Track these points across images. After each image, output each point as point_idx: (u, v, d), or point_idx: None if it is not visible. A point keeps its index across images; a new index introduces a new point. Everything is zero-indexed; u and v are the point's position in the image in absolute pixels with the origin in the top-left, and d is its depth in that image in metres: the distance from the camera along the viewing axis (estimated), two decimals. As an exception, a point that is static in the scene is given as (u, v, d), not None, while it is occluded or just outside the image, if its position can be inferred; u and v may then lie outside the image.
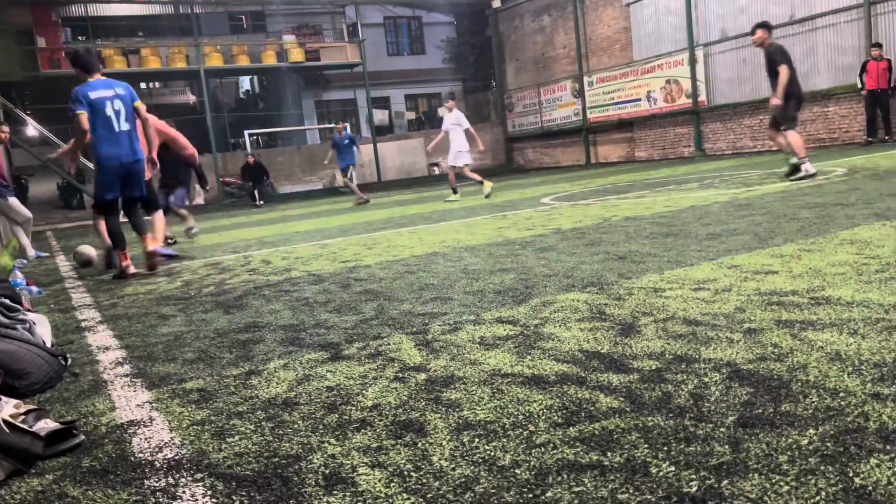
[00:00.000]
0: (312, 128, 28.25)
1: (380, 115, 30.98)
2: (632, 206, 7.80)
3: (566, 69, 24.29)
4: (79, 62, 6.04)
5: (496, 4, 26.79)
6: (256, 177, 20.38)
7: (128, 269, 6.15)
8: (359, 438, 1.99)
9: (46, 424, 2.14)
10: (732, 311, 2.90)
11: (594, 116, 23.14)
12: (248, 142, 24.09)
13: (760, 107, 16.93)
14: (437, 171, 26.23)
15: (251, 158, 20.83)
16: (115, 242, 6.20)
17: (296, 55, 27.04)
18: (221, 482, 1.80)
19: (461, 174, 13.12)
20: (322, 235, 8.54)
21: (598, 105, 22.87)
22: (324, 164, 21.20)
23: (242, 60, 26.70)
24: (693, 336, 2.62)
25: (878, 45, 14.40)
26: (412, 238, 7.11)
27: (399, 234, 7.62)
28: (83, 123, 5.82)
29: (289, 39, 27.59)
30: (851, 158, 11.30)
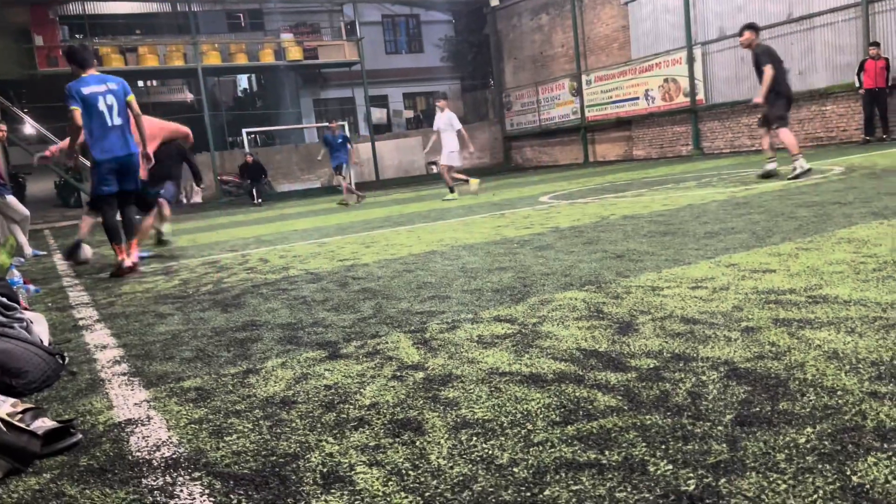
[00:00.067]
0: (310, 126, 28.23)
1: (378, 114, 30.96)
2: (630, 205, 7.80)
3: (564, 68, 24.29)
4: (73, 58, 6.04)
5: (494, 3, 26.79)
6: (255, 175, 20.37)
7: (123, 263, 6.15)
8: (357, 437, 1.99)
9: (44, 423, 2.14)
10: (730, 310, 2.91)
11: (592, 115, 23.14)
12: (246, 140, 24.05)
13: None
14: (435, 170, 26.21)
15: (250, 157, 20.81)
16: (111, 237, 6.20)
17: (294, 53, 27.02)
18: (219, 481, 1.80)
19: (453, 173, 13.01)
20: (320, 234, 8.54)
21: (596, 104, 22.87)
22: (320, 162, 21.20)
23: (240, 59, 26.69)
24: (691, 334, 2.62)
25: (876, 44, 14.41)
26: (410, 237, 7.11)
27: (397, 233, 7.61)
28: (76, 119, 5.82)
29: (287, 38, 27.58)
30: (849, 157, 11.30)
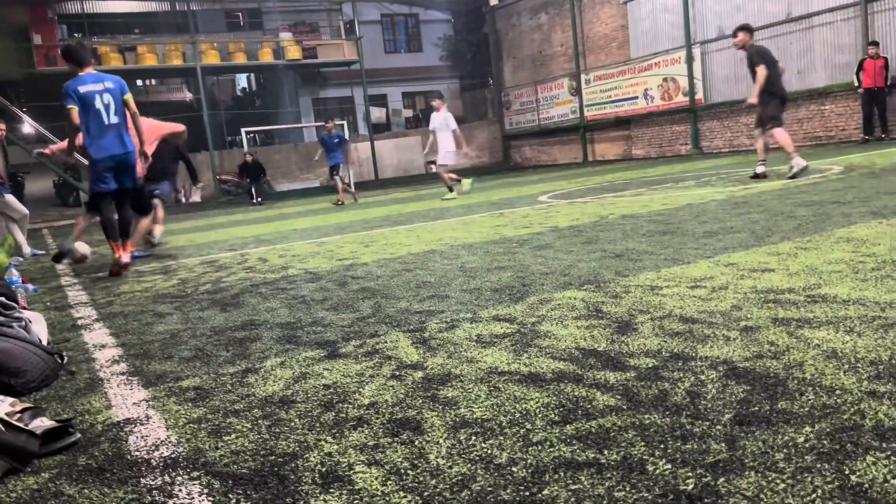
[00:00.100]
0: (309, 125, 28.22)
1: (377, 113, 30.96)
2: (629, 204, 7.80)
3: (563, 67, 24.28)
4: (71, 56, 6.04)
5: (493, 2, 26.78)
6: (254, 175, 20.37)
7: (121, 260, 6.16)
8: (355, 436, 1.99)
9: (42, 423, 2.14)
10: (729, 309, 2.91)
11: (591, 114, 23.13)
12: (245, 139, 24.04)
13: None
14: (434, 169, 26.22)
15: (249, 157, 20.79)
16: (108, 233, 6.21)
17: (293, 53, 27.01)
18: (218, 480, 1.80)
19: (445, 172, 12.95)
20: (319, 233, 8.53)
21: (596, 103, 22.86)
22: (318, 162, 21.17)
23: (239, 58, 26.67)
24: (690, 334, 2.62)
25: (875, 44, 14.41)
26: (409, 236, 7.11)
27: (396, 232, 7.61)
28: (74, 119, 5.83)
29: (286, 37, 27.55)
30: (848, 156, 11.31)
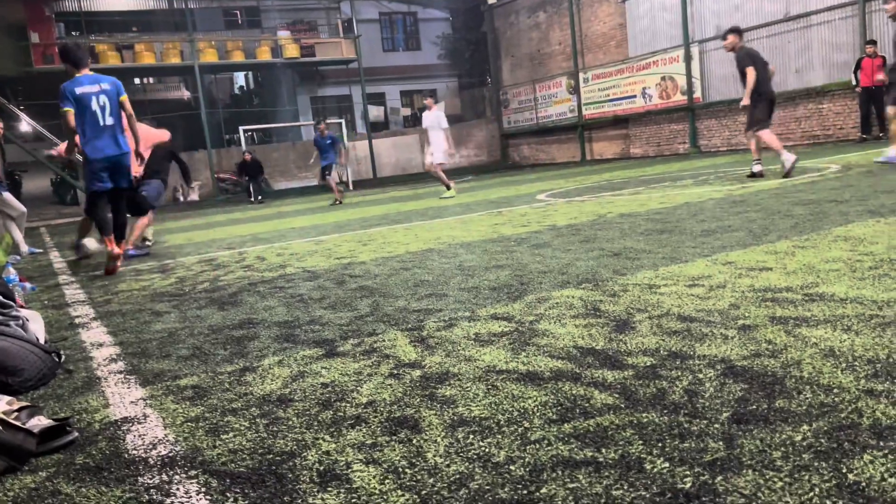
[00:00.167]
0: (307, 124, 28.18)
1: (375, 111, 30.95)
2: (627, 203, 7.80)
3: (561, 66, 24.28)
4: (68, 56, 6.04)
5: (492, 0, 26.76)
6: (253, 173, 20.36)
7: (114, 251, 6.18)
8: (353, 435, 1.99)
9: (40, 421, 2.13)
10: (727, 308, 2.91)
11: (589, 113, 23.14)
12: (243, 138, 24.02)
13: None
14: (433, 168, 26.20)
15: (248, 156, 20.78)
16: (101, 228, 6.25)
17: (291, 51, 27.00)
18: (216, 479, 1.80)
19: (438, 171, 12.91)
20: (317, 232, 8.53)
21: (594, 102, 22.86)
22: (313, 163, 21.17)
23: (237, 56, 26.65)
24: (687, 332, 2.62)
25: (873, 42, 14.42)
26: (407, 234, 7.11)
27: (394, 231, 7.61)
28: (70, 120, 5.85)
29: (284, 35, 27.54)
30: (846, 155, 11.32)
